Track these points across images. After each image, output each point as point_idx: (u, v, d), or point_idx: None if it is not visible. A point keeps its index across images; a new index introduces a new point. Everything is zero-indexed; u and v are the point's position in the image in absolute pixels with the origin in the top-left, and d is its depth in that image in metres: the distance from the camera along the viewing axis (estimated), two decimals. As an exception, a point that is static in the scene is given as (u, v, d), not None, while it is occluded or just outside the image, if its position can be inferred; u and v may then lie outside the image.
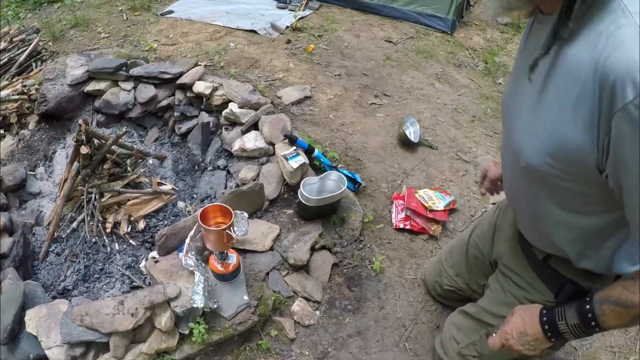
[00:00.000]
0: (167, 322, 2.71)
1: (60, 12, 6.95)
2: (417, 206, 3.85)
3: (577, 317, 1.67)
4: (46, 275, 3.53)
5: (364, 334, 3.17)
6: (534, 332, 1.80)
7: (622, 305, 1.54)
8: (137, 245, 3.72)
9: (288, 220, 3.60)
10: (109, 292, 3.38)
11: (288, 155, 3.68)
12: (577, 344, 3.26)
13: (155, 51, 5.61)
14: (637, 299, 1.48)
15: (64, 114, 4.73)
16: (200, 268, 2.90)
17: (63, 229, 3.75)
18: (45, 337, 2.69)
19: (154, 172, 4.35)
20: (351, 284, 3.43)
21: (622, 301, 1.53)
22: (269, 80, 5.16)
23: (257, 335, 3.04)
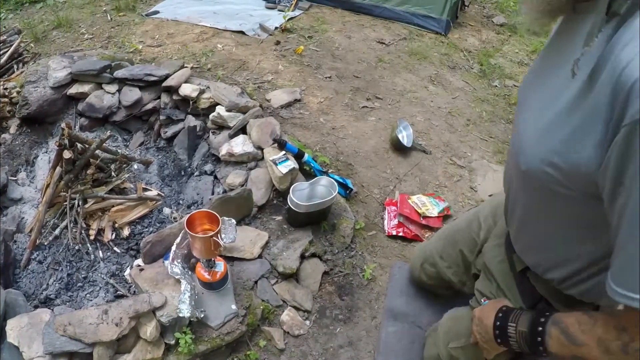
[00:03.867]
0: (152, 332, 2.72)
1: (43, 12, 6.95)
2: (410, 212, 3.86)
3: (527, 325, 1.66)
4: (28, 284, 3.53)
5: (355, 345, 3.18)
6: (486, 324, 1.83)
7: (567, 337, 1.52)
8: (121, 252, 3.72)
9: (277, 227, 3.61)
10: (93, 301, 3.38)
11: (277, 160, 3.70)
12: None
13: (140, 53, 5.62)
14: (583, 340, 1.47)
15: (46, 118, 4.72)
16: (187, 276, 2.91)
17: (45, 236, 3.75)
18: (27, 347, 2.69)
19: (139, 177, 4.35)
20: (342, 293, 3.44)
21: (570, 333, 1.51)
22: (258, 82, 5.17)
23: (246, 345, 3.05)
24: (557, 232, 1.67)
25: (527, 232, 1.87)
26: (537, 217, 1.74)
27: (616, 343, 1.38)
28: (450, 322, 2.58)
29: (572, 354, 1.50)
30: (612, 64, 1.22)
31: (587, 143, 1.32)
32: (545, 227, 1.72)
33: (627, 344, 1.36)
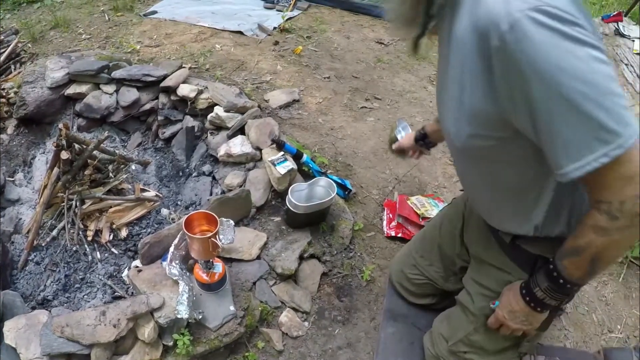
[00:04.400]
0: (150, 333, 2.72)
1: (40, 12, 6.95)
2: (409, 213, 3.86)
3: (546, 279, 1.82)
4: (25, 285, 3.53)
5: (354, 346, 3.18)
6: (520, 307, 1.95)
7: (574, 254, 1.67)
8: (119, 253, 3.72)
9: (276, 227, 3.61)
10: (90, 303, 3.37)
11: (276, 161, 3.70)
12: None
13: (138, 53, 5.61)
14: (581, 242, 1.62)
15: (44, 118, 4.72)
16: (185, 277, 2.91)
17: (43, 237, 3.75)
18: (25, 348, 2.69)
19: (136, 178, 4.35)
20: (341, 294, 3.44)
21: (573, 249, 1.67)
22: (256, 83, 5.17)
23: (244, 346, 3.05)
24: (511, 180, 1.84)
25: (486, 194, 2.03)
26: (486, 176, 1.93)
27: (603, 217, 1.53)
28: (443, 323, 2.61)
29: (589, 263, 1.64)
30: (467, 22, 1.54)
31: (480, 94, 1.59)
32: (497, 180, 1.89)
33: (609, 210, 1.51)
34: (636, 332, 3.46)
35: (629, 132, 1.39)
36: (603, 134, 1.40)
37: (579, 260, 1.67)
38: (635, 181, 1.44)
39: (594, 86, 1.39)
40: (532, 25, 1.37)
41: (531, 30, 1.37)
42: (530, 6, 1.36)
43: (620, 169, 1.44)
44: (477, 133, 1.69)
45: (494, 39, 1.43)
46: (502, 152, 1.73)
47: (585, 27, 1.41)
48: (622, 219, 1.50)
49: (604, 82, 1.40)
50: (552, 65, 1.38)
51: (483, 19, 1.45)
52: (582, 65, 1.38)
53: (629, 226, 1.51)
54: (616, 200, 1.49)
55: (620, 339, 3.41)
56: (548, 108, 1.43)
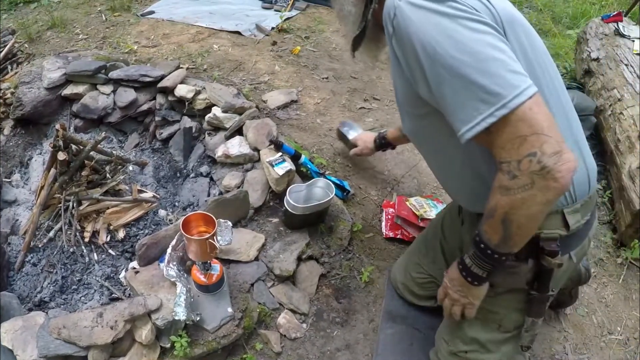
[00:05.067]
0: (147, 335, 2.72)
1: (37, 12, 6.94)
2: (408, 215, 3.86)
3: (472, 246, 1.93)
4: (22, 287, 3.53)
5: (352, 348, 3.18)
6: (456, 275, 2.08)
7: (488, 216, 1.77)
8: (116, 255, 3.71)
9: (274, 229, 3.61)
10: (88, 304, 3.37)
11: (274, 162, 3.70)
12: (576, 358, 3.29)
13: (135, 53, 5.61)
14: (492, 203, 1.73)
15: (41, 119, 4.72)
16: (182, 279, 2.91)
17: (39, 238, 3.75)
18: (22, 350, 2.69)
19: (134, 179, 4.34)
20: (339, 296, 3.44)
21: (487, 211, 1.77)
22: (254, 83, 5.17)
23: (242, 348, 3.05)
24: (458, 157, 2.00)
25: (448, 176, 2.20)
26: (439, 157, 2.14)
27: (505, 177, 1.64)
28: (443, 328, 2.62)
29: (500, 224, 1.73)
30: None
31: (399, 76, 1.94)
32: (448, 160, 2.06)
33: (509, 171, 1.61)
34: (636, 333, 3.46)
35: (513, 92, 1.54)
36: (486, 96, 1.56)
37: (492, 222, 1.75)
38: (529, 140, 1.55)
39: (471, 53, 1.58)
40: (408, 8, 1.67)
41: (408, 12, 1.67)
42: None
43: (511, 129, 1.57)
44: (412, 112, 1.98)
45: (389, 26, 1.76)
46: (438, 129, 1.91)
47: (463, 3, 1.65)
48: (521, 177, 1.59)
49: (481, 49, 1.59)
50: (430, 38, 1.63)
51: (384, 12, 1.78)
52: (456, 35, 1.60)
53: (530, 185, 1.59)
54: (513, 159, 1.59)
55: (620, 341, 3.42)
56: (436, 77, 1.66)
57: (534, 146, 1.54)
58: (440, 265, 2.87)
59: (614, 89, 4.82)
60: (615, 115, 4.56)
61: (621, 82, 4.83)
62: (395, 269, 3.32)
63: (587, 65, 5.54)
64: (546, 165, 1.54)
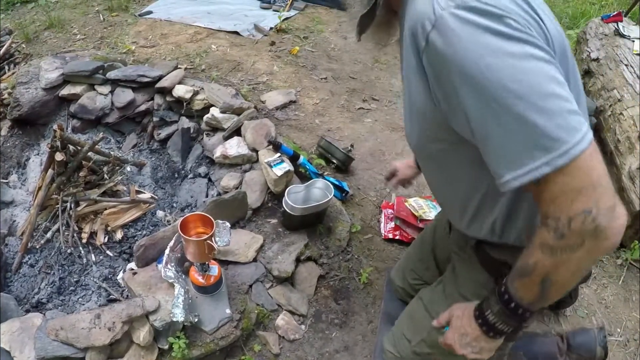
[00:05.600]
0: (145, 336, 2.72)
1: (34, 12, 6.94)
2: (407, 215, 3.87)
3: (498, 302, 1.65)
4: (19, 288, 3.53)
5: (351, 349, 3.18)
6: (472, 330, 1.79)
7: (523, 274, 1.52)
8: (114, 256, 3.71)
9: (272, 230, 3.61)
10: (85, 306, 3.37)
11: (272, 162, 3.70)
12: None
13: (133, 53, 5.62)
14: (530, 261, 1.47)
15: (38, 119, 4.72)
16: (181, 280, 2.92)
17: (37, 239, 3.75)
18: (19, 352, 2.69)
19: (132, 179, 4.34)
20: (338, 297, 3.44)
21: (522, 269, 1.52)
22: (252, 84, 5.18)
23: (240, 350, 3.05)
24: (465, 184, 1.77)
25: (447, 198, 1.99)
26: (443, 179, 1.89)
27: (550, 235, 1.37)
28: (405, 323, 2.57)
29: (539, 285, 1.48)
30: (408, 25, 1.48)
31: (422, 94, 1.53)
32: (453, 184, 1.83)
33: (556, 227, 1.34)
34: (636, 335, 3.47)
35: (575, 138, 1.26)
36: (545, 141, 1.28)
37: (529, 281, 1.52)
38: (585, 194, 1.30)
39: (529, 86, 1.28)
40: (455, 22, 1.30)
41: (454, 28, 1.30)
42: (454, 3, 1.31)
43: (567, 180, 1.31)
44: (426, 134, 1.65)
45: (421, 39, 1.39)
46: (455, 156, 1.67)
47: (521, 22, 1.32)
48: (570, 237, 1.34)
49: (541, 82, 1.29)
50: (479, 64, 1.29)
51: (413, 19, 1.42)
52: (513, 63, 1.28)
53: (579, 245, 1.35)
54: (564, 215, 1.33)
55: (620, 342, 3.42)
56: (480, 111, 1.34)
57: (589, 201, 1.30)
58: (433, 272, 2.86)
59: (613, 89, 4.83)
60: (615, 115, 4.56)
61: (621, 82, 4.83)
62: (394, 273, 3.31)
63: (587, 66, 5.54)
64: (600, 224, 1.30)
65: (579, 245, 1.34)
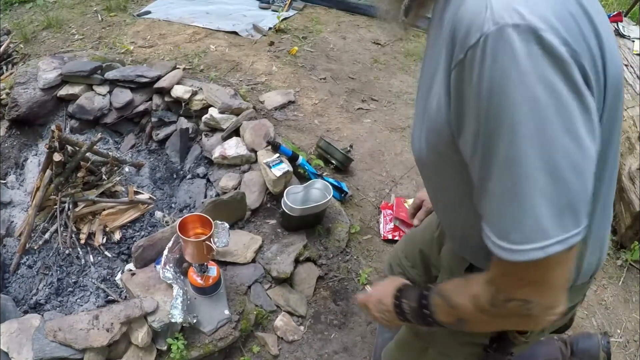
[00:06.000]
0: (144, 337, 2.72)
1: (32, 12, 6.93)
2: (406, 216, 3.86)
3: (415, 300, 1.64)
4: (17, 289, 3.53)
5: (350, 350, 3.18)
6: (387, 303, 1.80)
7: (446, 301, 1.49)
8: (112, 257, 3.71)
9: (271, 230, 3.61)
10: (83, 307, 3.37)
11: (271, 163, 3.70)
12: None
13: (131, 54, 5.62)
14: (458, 301, 1.44)
15: (36, 120, 4.72)
16: (179, 281, 2.92)
17: (35, 240, 3.75)
18: (17, 353, 2.69)
19: (130, 180, 4.35)
20: (337, 298, 3.44)
21: (448, 297, 1.49)
22: (251, 84, 5.18)
23: (239, 351, 3.06)
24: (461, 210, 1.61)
25: (444, 216, 1.87)
26: (439, 196, 1.76)
27: (485, 298, 1.33)
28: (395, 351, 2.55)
29: (456, 319, 1.48)
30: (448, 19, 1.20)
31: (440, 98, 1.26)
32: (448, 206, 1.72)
33: (494, 297, 1.31)
34: (636, 336, 3.47)
35: (561, 235, 1.12)
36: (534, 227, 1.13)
37: (448, 310, 1.50)
38: (535, 288, 1.24)
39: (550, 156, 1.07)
40: (521, 45, 1.01)
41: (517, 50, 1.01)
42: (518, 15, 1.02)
43: (527, 270, 1.21)
44: (429, 143, 1.41)
45: (457, 49, 1.13)
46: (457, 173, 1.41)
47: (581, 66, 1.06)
48: (501, 311, 1.32)
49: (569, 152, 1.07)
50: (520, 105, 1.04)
51: (460, 13, 1.12)
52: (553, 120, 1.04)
53: (505, 318, 1.35)
54: (506, 294, 1.28)
55: (620, 343, 3.42)
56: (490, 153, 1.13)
57: (534, 294, 1.25)
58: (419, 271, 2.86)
59: None
60: (615, 116, 4.56)
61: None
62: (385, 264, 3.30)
63: (586, 66, 5.53)
64: (533, 315, 1.27)
65: (505, 318, 1.35)
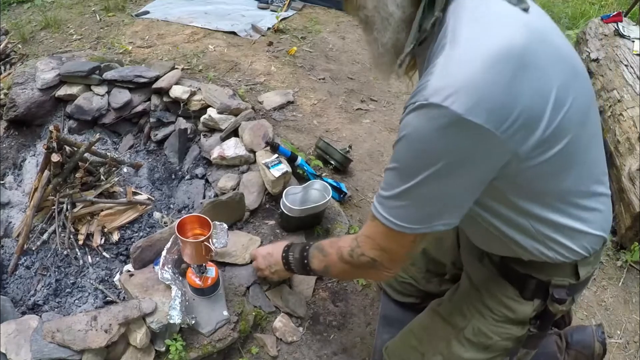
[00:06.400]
0: (142, 338, 2.72)
1: (30, 12, 6.94)
2: (405, 217, 3.86)
3: (299, 253, 2.27)
4: (15, 290, 3.53)
5: (349, 352, 3.18)
6: (276, 256, 2.47)
7: (320, 252, 2.12)
8: (110, 258, 3.71)
9: (270, 231, 3.61)
10: (82, 308, 3.37)
11: (270, 164, 3.70)
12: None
13: (130, 54, 5.62)
14: (328, 250, 2.09)
15: (34, 120, 4.72)
16: (177, 282, 2.91)
17: (33, 240, 3.75)
18: (15, 354, 2.69)
19: (128, 181, 4.35)
20: (336, 299, 3.44)
21: (322, 248, 2.13)
22: (250, 84, 5.18)
23: (237, 352, 3.05)
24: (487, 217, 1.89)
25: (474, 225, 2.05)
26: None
27: (347, 249, 1.92)
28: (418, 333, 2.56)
29: (323, 266, 2.12)
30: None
31: None
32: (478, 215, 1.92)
33: (353, 249, 1.88)
34: (636, 337, 3.47)
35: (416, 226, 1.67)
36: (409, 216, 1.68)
37: (319, 259, 2.15)
38: (384, 252, 1.82)
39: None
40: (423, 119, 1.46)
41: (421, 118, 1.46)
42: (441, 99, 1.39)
43: (386, 237, 1.77)
44: None
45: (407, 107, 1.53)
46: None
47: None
48: (354, 261, 1.91)
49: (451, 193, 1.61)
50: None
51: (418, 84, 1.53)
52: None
53: (355, 267, 1.94)
54: (362, 249, 1.87)
55: (620, 345, 3.43)
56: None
57: (381, 257, 1.84)
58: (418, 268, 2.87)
59: (613, 90, 4.83)
60: (615, 116, 4.57)
61: (621, 83, 4.84)
62: None
63: (586, 66, 5.54)
64: (374, 268, 1.90)
65: (356, 268, 1.96)
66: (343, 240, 2.00)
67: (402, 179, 1.59)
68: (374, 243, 1.81)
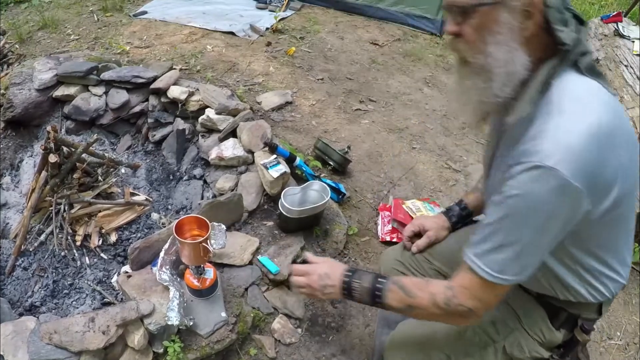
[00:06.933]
0: (140, 340, 2.72)
1: (28, 12, 6.94)
2: (404, 218, 3.87)
3: (370, 282, 2.10)
4: (13, 291, 3.52)
5: (348, 353, 3.18)
6: (334, 279, 2.21)
7: (404, 291, 2.00)
8: (108, 259, 3.71)
9: (268, 232, 3.61)
10: (79, 309, 3.37)
11: (268, 164, 3.70)
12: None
13: (127, 54, 5.62)
14: (417, 293, 1.97)
15: (32, 121, 4.72)
16: (175, 283, 2.91)
17: (30, 242, 3.74)
18: (12, 356, 2.68)
19: (126, 181, 4.35)
20: (335, 300, 3.44)
21: (407, 288, 2.00)
22: (248, 84, 5.18)
23: (236, 354, 3.05)
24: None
25: None
26: None
27: (442, 297, 1.88)
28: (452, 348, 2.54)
29: (406, 305, 1.99)
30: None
31: None
32: None
33: (449, 299, 1.87)
34: (636, 338, 3.47)
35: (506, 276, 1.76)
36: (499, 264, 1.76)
37: (401, 296, 2.01)
38: (480, 302, 1.85)
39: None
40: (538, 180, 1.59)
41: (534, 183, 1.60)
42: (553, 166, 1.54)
43: (482, 289, 1.83)
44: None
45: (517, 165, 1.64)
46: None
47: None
48: (450, 310, 1.88)
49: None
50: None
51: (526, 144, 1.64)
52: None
53: (449, 315, 1.92)
54: (460, 300, 1.86)
55: (620, 346, 3.43)
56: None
57: (477, 306, 1.87)
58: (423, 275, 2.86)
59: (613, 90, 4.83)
60: (615, 117, 4.56)
61: (621, 83, 4.84)
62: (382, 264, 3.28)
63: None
64: (467, 318, 1.92)
65: (448, 314, 1.92)
66: (433, 286, 1.98)
67: (507, 233, 1.71)
68: (470, 294, 1.86)
